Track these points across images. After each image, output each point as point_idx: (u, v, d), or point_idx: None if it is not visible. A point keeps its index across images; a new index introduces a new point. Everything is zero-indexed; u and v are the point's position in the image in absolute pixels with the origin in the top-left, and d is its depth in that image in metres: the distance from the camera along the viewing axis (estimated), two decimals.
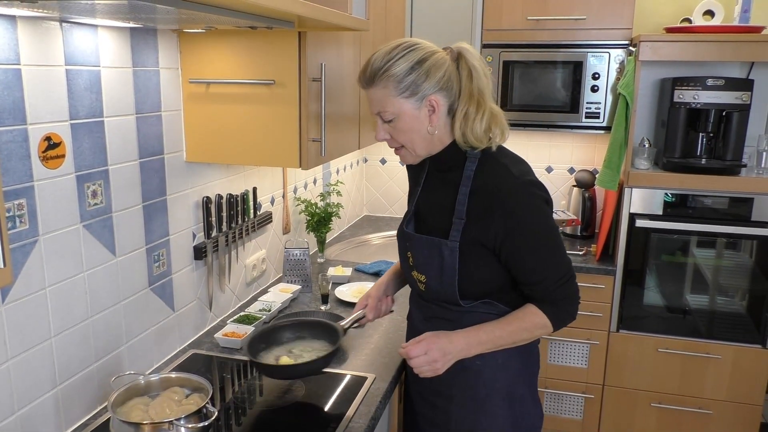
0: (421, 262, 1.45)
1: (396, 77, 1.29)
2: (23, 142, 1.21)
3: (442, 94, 1.32)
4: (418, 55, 1.30)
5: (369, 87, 1.34)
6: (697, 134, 2.64)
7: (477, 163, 1.36)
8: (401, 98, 1.30)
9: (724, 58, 2.47)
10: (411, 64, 1.29)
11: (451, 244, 1.36)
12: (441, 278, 1.40)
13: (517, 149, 1.52)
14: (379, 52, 1.32)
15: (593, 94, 2.74)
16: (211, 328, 1.94)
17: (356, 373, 1.64)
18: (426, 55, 1.30)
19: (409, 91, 1.30)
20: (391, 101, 1.31)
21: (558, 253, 1.37)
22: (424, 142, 1.36)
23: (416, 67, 1.29)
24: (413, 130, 1.34)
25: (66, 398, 1.38)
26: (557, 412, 2.86)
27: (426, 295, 1.49)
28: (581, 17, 2.69)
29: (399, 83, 1.29)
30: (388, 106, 1.32)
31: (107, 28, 1.40)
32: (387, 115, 1.33)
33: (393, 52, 1.30)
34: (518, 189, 1.31)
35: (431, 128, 1.34)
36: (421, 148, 1.37)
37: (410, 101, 1.31)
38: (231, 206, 1.94)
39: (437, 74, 1.30)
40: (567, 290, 1.38)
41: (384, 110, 1.33)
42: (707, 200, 2.55)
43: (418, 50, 1.31)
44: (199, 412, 1.27)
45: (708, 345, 2.62)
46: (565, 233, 3.03)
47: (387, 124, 1.35)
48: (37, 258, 1.26)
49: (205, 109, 1.70)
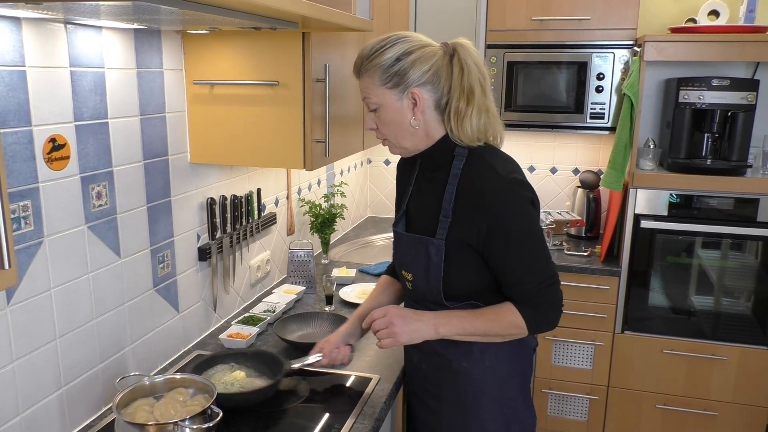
0: (409, 261, 1.45)
1: (381, 67, 1.29)
2: (28, 143, 1.21)
3: (426, 88, 1.31)
4: (406, 47, 1.30)
5: (359, 77, 1.35)
6: (702, 135, 2.63)
7: (464, 161, 1.35)
8: (384, 88, 1.31)
9: (730, 59, 2.46)
10: (397, 54, 1.29)
11: (437, 242, 1.36)
12: (427, 277, 1.40)
13: (522, 150, 1.52)
14: (370, 43, 1.33)
15: (598, 95, 2.73)
16: (215, 329, 1.94)
17: (360, 374, 1.64)
18: (413, 47, 1.30)
19: (392, 82, 1.30)
20: (375, 90, 1.32)
21: (541, 257, 1.35)
22: (408, 135, 1.36)
23: (402, 58, 1.29)
24: (395, 122, 1.34)
25: (71, 399, 1.38)
26: (562, 414, 2.85)
27: (413, 295, 1.48)
28: (585, 17, 2.68)
29: (383, 73, 1.30)
30: (372, 95, 1.33)
31: (111, 30, 1.40)
32: (371, 104, 1.34)
33: (382, 42, 1.31)
34: (503, 188, 1.30)
35: (414, 121, 1.33)
36: (405, 140, 1.37)
37: (393, 92, 1.31)
38: (235, 207, 1.94)
39: (422, 67, 1.29)
40: (549, 295, 1.36)
41: (369, 99, 1.34)
42: (712, 201, 2.54)
43: (406, 42, 1.30)
44: (204, 412, 1.27)
45: (713, 346, 2.61)
46: (569, 234, 3.02)
47: (373, 113, 1.36)
48: (42, 259, 1.27)
49: (209, 111, 1.70)
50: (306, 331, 1.87)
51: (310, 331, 1.87)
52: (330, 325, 1.87)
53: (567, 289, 2.63)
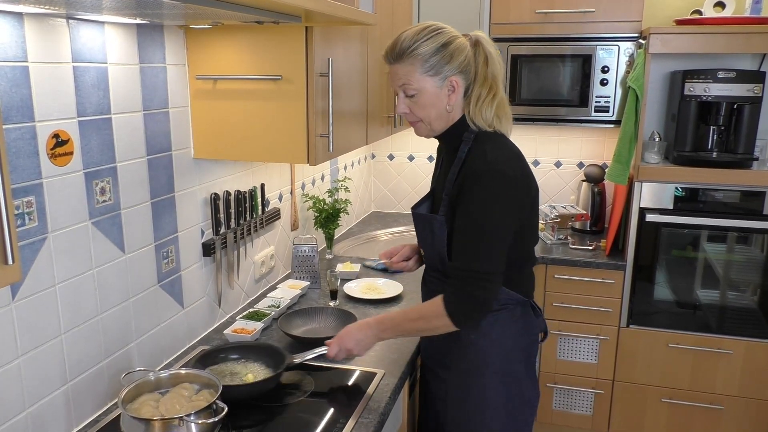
0: (420, 237, 1.61)
1: (423, 56, 1.41)
2: (31, 139, 1.21)
3: (461, 76, 1.44)
4: (444, 39, 1.42)
5: (396, 63, 1.44)
6: (708, 127, 2.61)
7: (470, 145, 1.47)
8: (426, 76, 1.42)
9: (736, 50, 2.44)
10: (437, 46, 1.41)
11: (439, 218, 1.48)
12: (433, 251, 1.54)
13: (526, 144, 1.54)
14: (408, 32, 1.43)
15: (602, 88, 2.72)
16: (220, 324, 1.94)
17: (366, 368, 1.64)
18: (450, 39, 1.43)
19: (433, 71, 1.42)
20: (416, 77, 1.42)
21: (484, 247, 1.38)
22: (440, 119, 1.48)
23: (441, 49, 1.41)
24: (433, 106, 1.45)
25: (76, 395, 1.38)
26: (567, 408, 2.84)
27: (428, 267, 1.65)
28: (590, 10, 2.66)
29: (425, 62, 1.41)
30: (412, 81, 1.43)
31: (114, 25, 1.40)
32: (410, 90, 1.44)
33: (421, 33, 1.42)
34: (483, 173, 1.38)
35: (449, 107, 1.46)
36: (437, 123, 1.49)
37: (433, 80, 1.43)
38: (239, 203, 1.94)
39: (459, 58, 1.42)
40: (476, 287, 1.38)
41: (408, 85, 1.44)
42: (718, 194, 2.52)
43: (443, 34, 1.43)
44: (209, 407, 1.27)
45: (719, 340, 2.60)
46: (574, 228, 3.01)
47: (408, 99, 1.46)
48: (46, 255, 1.27)
49: (213, 106, 1.69)
50: (310, 326, 1.87)
51: (315, 326, 1.87)
52: (334, 320, 1.87)
53: (572, 284, 2.66)
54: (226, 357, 1.59)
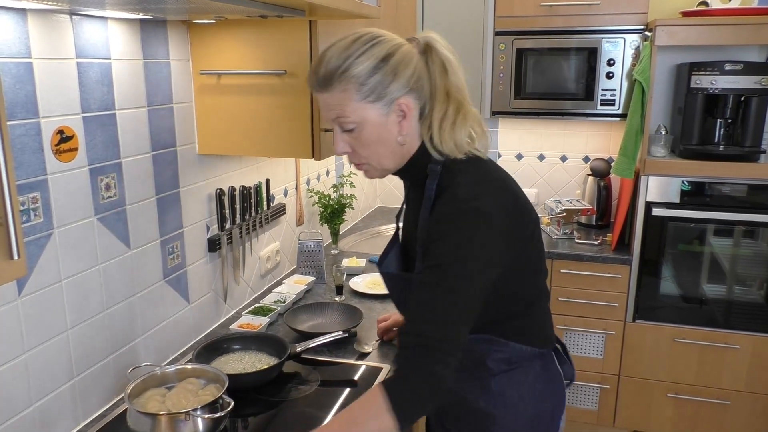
0: (396, 300, 1.34)
1: (358, 78, 1.08)
2: (36, 135, 1.21)
3: (412, 95, 1.11)
4: (383, 50, 1.09)
5: (323, 90, 1.11)
6: (715, 120, 2.59)
7: (438, 179, 1.14)
8: (365, 103, 1.09)
9: (743, 42, 2.42)
10: (375, 61, 1.08)
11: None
12: None
13: (531, 138, 1.49)
14: (334, 48, 1.10)
15: (608, 81, 2.70)
16: (226, 319, 1.94)
17: (371, 363, 1.64)
18: (392, 49, 1.09)
19: (374, 95, 1.09)
20: (352, 107, 1.09)
21: (447, 305, 1.04)
22: (392, 155, 1.16)
23: (381, 65, 1.08)
24: (380, 141, 1.13)
25: (83, 390, 1.39)
26: (572, 403, 2.84)
27: None
28: (595, 2, 2.64)
29: (362, 85, 1.08)
30: (348, 113, 1.10)
31: (117, 21, 1.40)
32: (347, 124, 1.12)
33: (352, 47, 1.09)
34: (453, 214, 1.08)
35: (401, 138, 1.13)
36: (389, 161, 1.17)
37: (376, 106, 1.10)
38: (244, 198, 1.94)
39: (406, 72, 1.09)
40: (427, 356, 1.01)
41: (344, 117, 1.11)
42: (725, 188, 2.51)
43: (381, 44, 1.09)
44: (215, 402, 1.28)
45: (726, 335, 2.59)
46: (580, 223, 2.99)
47: (347, 134, 1.14)
48: (51, 251, 1.27)
49: (217, 101, 1.69)
50: (316, 321, 1.87)
51: (321, 321, 1.87)
52: (340, 315, 1.87)
53: (578, 278, 2.65)
54: (228, 348, 1.60)
